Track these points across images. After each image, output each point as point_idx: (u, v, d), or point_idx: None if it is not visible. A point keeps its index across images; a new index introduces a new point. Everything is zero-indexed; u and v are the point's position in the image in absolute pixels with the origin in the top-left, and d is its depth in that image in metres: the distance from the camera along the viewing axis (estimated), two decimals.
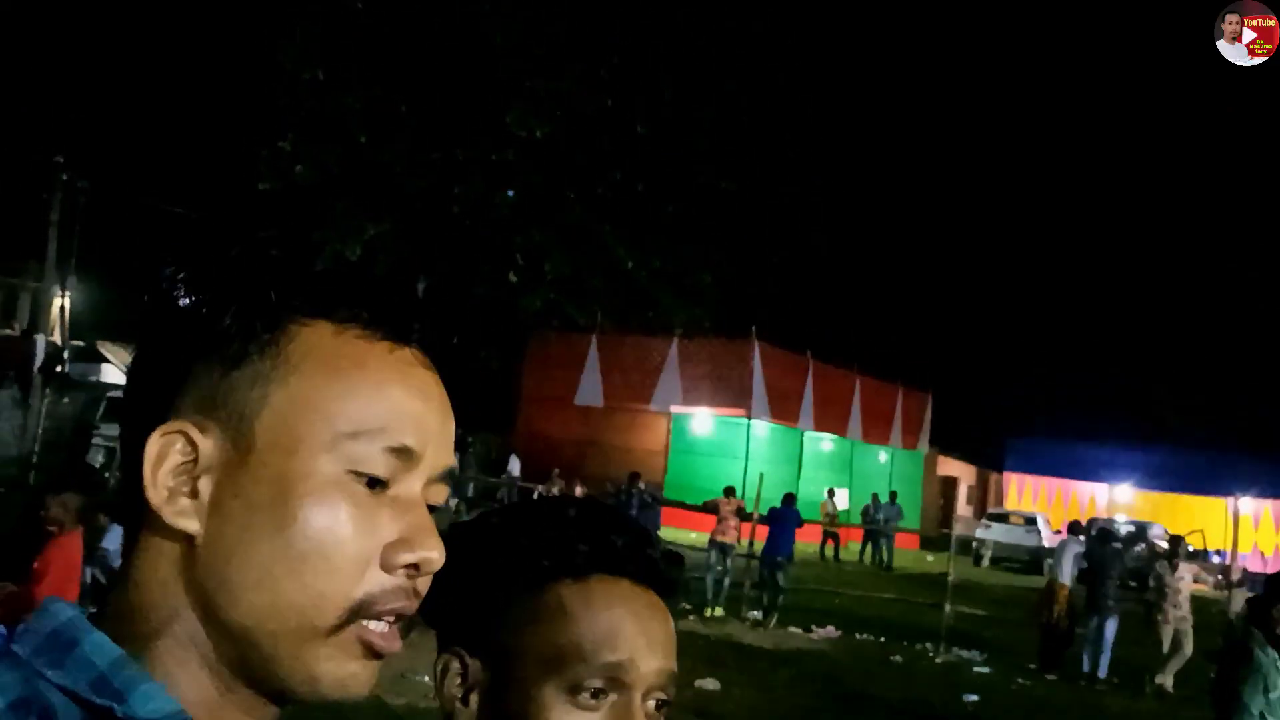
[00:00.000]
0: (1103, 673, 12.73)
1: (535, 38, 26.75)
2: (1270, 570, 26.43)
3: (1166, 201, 35.49)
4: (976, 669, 13.03)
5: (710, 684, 9.65)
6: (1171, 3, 25.91)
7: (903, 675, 12.08)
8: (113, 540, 7.86)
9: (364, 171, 27.47)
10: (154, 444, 0.77)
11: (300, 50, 26.39)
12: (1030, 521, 31.83)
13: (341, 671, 0.76)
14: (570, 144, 27.80)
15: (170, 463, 0.77)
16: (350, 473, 0.77)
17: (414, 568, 0.78)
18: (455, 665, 0.96)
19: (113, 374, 33.65)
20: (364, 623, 0.77)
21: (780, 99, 30.96)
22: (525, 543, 0.96)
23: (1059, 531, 27.99)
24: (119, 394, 23.87)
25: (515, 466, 25.22)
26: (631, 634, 0.93)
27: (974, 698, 11.02)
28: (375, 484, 0.78)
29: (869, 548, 27.33)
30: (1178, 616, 12.88)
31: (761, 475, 16.58)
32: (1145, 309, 35.27)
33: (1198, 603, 13.56)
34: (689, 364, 27.86)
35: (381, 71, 26.74)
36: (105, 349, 36.55)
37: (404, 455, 0.79)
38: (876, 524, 27.37)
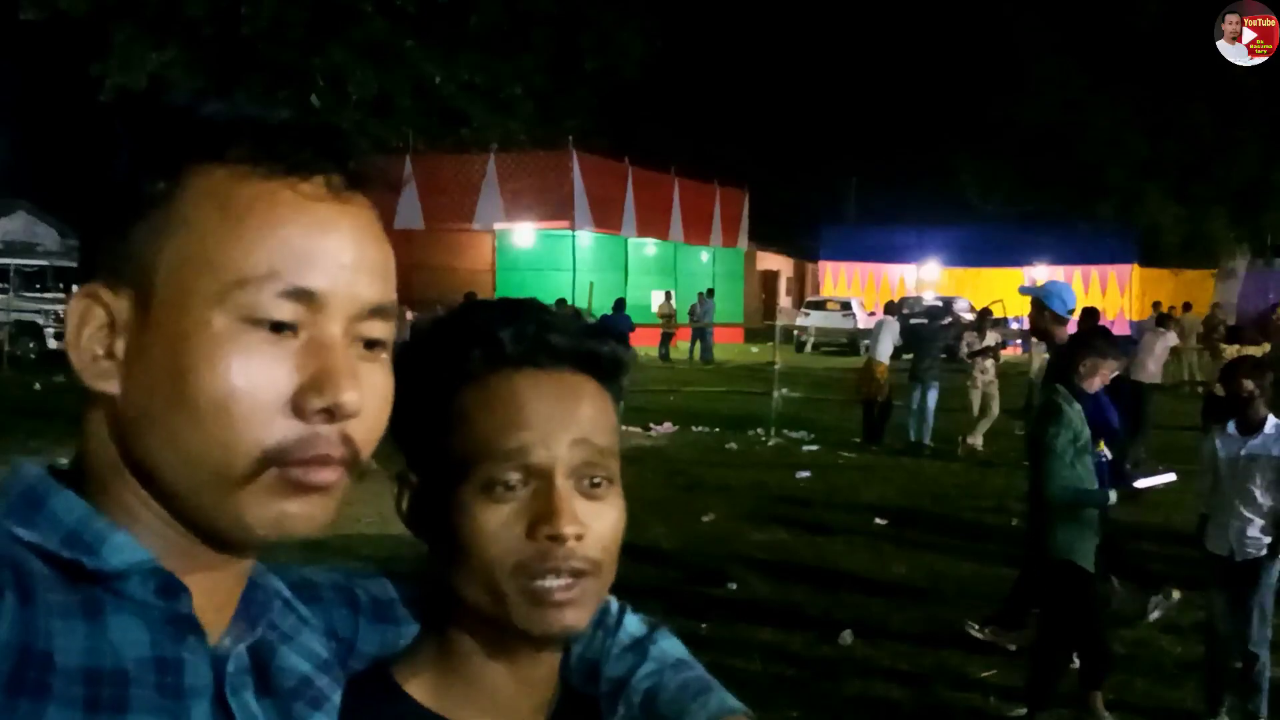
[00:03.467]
0: (926, 439, 13.66)
1: None
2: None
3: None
4: (806, 448, 13.83)
5: None
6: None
7: (739, 461, 12.75)
8: None
9: None
10: (73, 308, 0.77)
11: None
12: (846, 306, 33.29)
13: (270, 514, 0.75)
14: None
15: (91, 326, 0.76)
16: (246, 321, 0.74)
17: (327, 413, 0.75)
18: (405, 487, 0.96)
19: None
20: (288, 470, 0.75)
21: None
22: (429, 360, 0.94)
23: (873, 313, 29.40)
24: None
25: None
26: (532, 417, 0.90)
27: (806, 474, 11.75)
28: (281, 328, 0.75)
29: (697, 345, 28.19)
30: (985, 381, 13.91)
31: (591, 284, 16.77)
32: (944, 97, 36.26)
33: (1004, 367, 14.63)
34: (508, 179, 27.49)
35: None
36: None
37: (305, 297, 0.75)
38: (700, 322, 28.22)
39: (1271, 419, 5.13)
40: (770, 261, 44.15)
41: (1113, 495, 4.93)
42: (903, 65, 40.01)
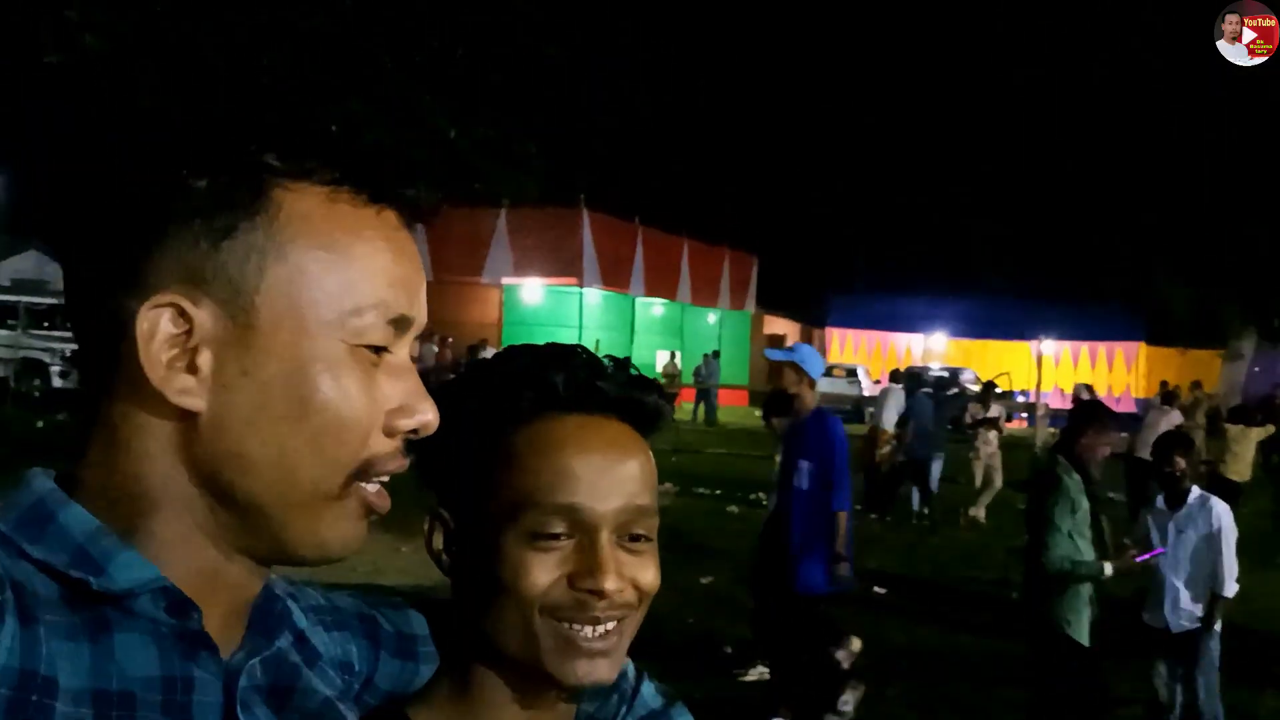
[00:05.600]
0: (927, 509, 13.57)
1: None
2: (1070, 406, 28.47)
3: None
4: None
5: None
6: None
7: (740, 524, 12.66)
8: None
9: (163, 41, 25.75)
10: (145, 318, 0.73)
11: None
12: (852, 373, 33.34)
13: (345, 533, 0.79)
14: (385, 8, 26.61)
15: (163, 336, 0.73)
16: (358, 346, 0.77)
17: (414, 433, 0.80)
18: (439, 524, 0.97)
19: None
20: (362, 484, 0.78)
21: None
22: (477, 399, 0.95)
23: (878, 381, 29.41)
24: None
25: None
26: (583, 472, 0.91)
27: None
28: (377, 351, 0.78)
29: (701, 406, 28.17)
30: (988, 453, 13.86)
31: (598, 342, 16.80)
32: (957, 169, 36.65)
33: (1007, 439, 14.59)
34: (518, 234, 27.66)
35: None
36: None
37: (401, 324, 0.79)
38: (705, 383, 28.24)
39: (1195, 490, 5.29)
40: (777, 326, 44.23)
41: (1107, 568, 4.89)
42: (914, 136, 40.40)
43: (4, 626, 0.67)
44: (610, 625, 0.90)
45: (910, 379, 14.94)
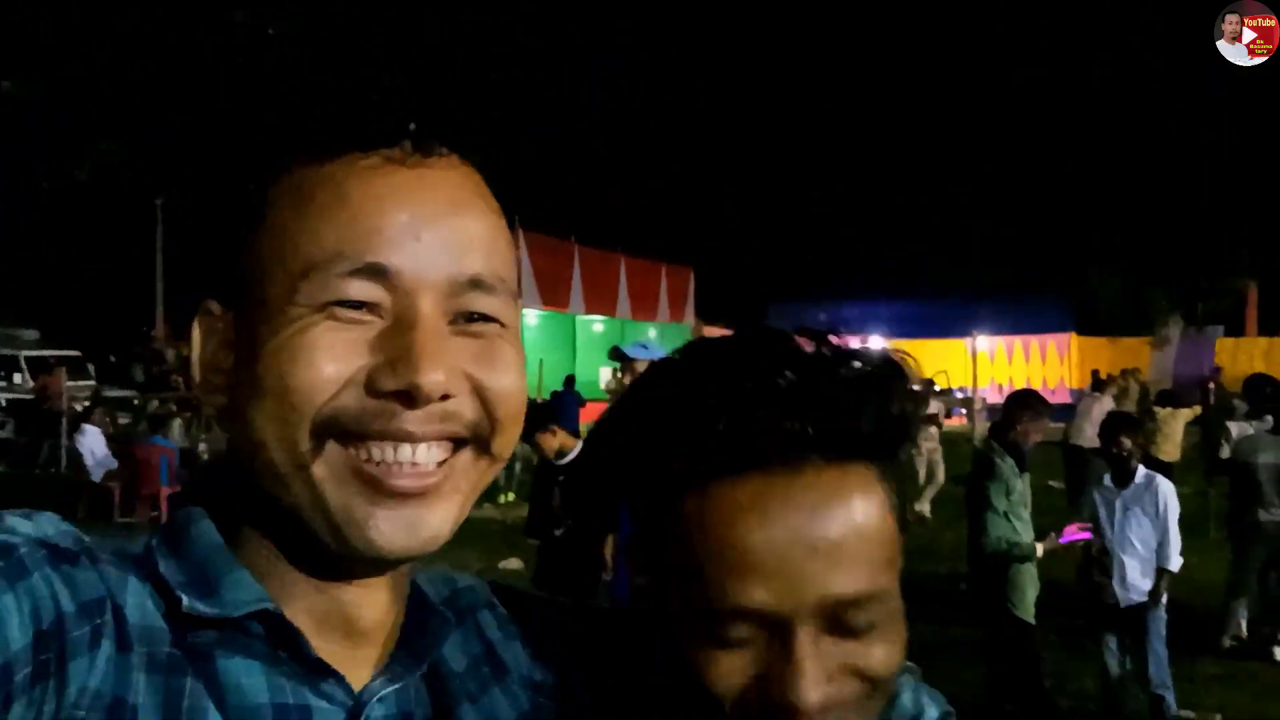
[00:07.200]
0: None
1: None
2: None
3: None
4: None
5: (514, 564, 10.01)
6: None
7: None
8: None
9: (85, 84, 25.49)
10: (195, 330, 0.75)
11: None
12: None
13: (354, 512, 0.69)
14: (313, 39, 26.60)
15: (211, 344, 0.75)
16: (316, 308, 0.70)
17: (405, 396, 0.69)
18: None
19: None
20: (353, 450, 0.70)
21: None
22: (639, 456, 0.76)
23: None
24: None
25: None
26: (764, 561, 0.68)
27: None
28: (360, 308, 0.70)
29: None
30: (929, 449, 14.15)
31: (541, 362, 16.87)
32: (888, 174, 37.23)
33: (947, 435, 14.88)
34: None
35: None
36: None
37: (378, 274, 0.70)
38: None
39: (1141, 469, 5.52)
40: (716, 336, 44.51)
41: (1039, 548, 5.12)
42: (843, 141, 40.92)
43: (100, 650, 0.65)
44: None
45: None
